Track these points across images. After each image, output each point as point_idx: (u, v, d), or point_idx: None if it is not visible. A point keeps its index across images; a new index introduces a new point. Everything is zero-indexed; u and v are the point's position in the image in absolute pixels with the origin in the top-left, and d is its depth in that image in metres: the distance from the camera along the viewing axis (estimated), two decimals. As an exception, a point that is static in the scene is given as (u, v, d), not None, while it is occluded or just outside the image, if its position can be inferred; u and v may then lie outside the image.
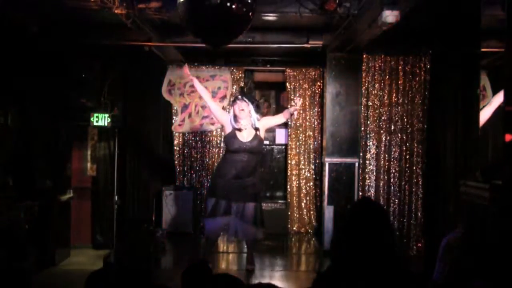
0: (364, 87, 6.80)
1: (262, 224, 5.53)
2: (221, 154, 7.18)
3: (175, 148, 7.55)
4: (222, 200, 5.37)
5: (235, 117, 5.42)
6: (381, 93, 6.85)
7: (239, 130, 5.40)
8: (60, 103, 6.52)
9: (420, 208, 6.74)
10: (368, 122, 6.88)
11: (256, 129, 5.44)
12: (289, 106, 7.02)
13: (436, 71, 6.66)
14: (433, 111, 6.69)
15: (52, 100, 6.42)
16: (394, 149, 6.83)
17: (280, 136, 7.80)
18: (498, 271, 2.71)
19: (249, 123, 5.42)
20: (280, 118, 5.67)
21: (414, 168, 6.79)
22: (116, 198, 6.57)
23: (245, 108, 5.39)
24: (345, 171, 6.45)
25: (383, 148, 6.85)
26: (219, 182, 5.44)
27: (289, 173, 7.56)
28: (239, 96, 5.52)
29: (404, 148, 6.81)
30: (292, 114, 5.63)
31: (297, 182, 7.53)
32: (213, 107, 5.56)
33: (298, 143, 7.54)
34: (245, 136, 5.41)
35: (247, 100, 5.43)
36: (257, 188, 5.55)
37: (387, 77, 6.84)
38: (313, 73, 7.48)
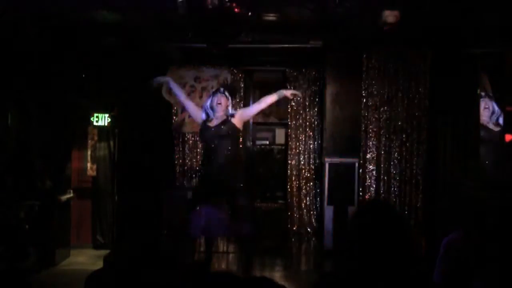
0: (364, 87, 6.79)
1: (248, 220, 5.37)
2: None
3: (175, 148, 7.55)
4: (203, 196, 5.41)
5: (211, 108, 5.43)
6: (381, 93, 6.84)
7: (210, 120, 5.43)
8: (60, 103, 6.52)
9: (420, 208, 6.73)
10: (368, 122, 6.86)
11: (231, 115, 5.41)
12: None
13: (436, 71, 6.69)
14: (433, 111, 6.72)
15: (52, 100, 6.42)
16: (394, 149, 6.81)
17: (280, 136, 7.81)
18: (498, 271, 2.71)
19: (223, 114, 5.42)
20: (260, 104, 5.63)
21: (414, 168, 6.77)
22: (116, 198, 6.56)
23: (223, 103, 5.41)
24: (345, 171, 6.45)
25: (383, 148, 6.83)
26: (200, 177, 5.66)
27: (289, 173, 7.55)
28: (221, 89, 5.53)
29: (404, 148, 6.79)
30: (286, 97, 5.66)
31: (297, 182, 7.53)
32: (188, 105, 5.73)
33: (298, 143, 7.54)
34: (214, 123, 5.42)
35: (227, 95, 5.46)
36: (235, 183, 5.36)
37: (387, 77, 6.83)
38: (313, 73, 7.47)
